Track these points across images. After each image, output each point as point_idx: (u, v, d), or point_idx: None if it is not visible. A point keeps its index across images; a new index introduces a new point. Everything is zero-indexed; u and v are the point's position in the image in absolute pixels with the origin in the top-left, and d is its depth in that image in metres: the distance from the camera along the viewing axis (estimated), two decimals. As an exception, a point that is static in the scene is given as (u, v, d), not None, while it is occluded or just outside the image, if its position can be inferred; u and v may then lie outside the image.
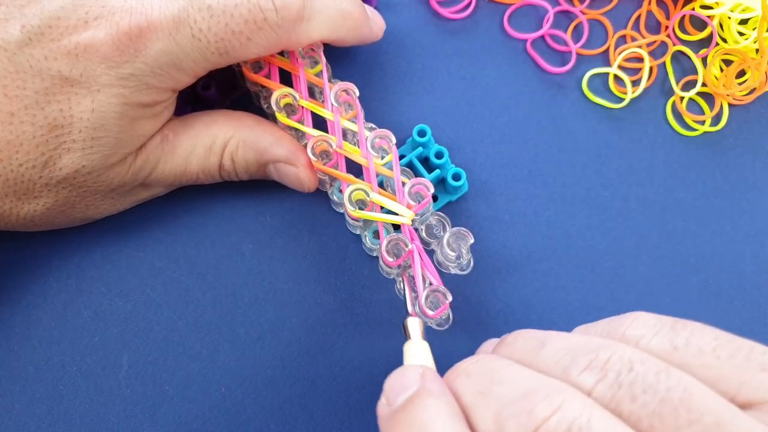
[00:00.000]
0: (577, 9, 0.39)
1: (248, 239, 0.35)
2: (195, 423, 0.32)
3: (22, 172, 0.28)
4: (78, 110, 0.28)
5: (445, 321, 0.32)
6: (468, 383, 0.21)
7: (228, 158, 0.33)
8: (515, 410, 0.19)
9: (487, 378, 0.20)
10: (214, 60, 0.30)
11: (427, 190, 0.31)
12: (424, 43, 0.38)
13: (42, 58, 0.27)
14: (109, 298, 0.34)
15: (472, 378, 0.21)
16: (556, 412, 0.18)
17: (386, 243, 0.31)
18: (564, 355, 0.20)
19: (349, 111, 0.33)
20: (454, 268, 0.32)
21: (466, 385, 0.21)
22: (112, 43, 0.27)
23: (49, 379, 0.33)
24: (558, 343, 0.21)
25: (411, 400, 0.21)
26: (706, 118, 0.37)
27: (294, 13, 0.30)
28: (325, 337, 0.33)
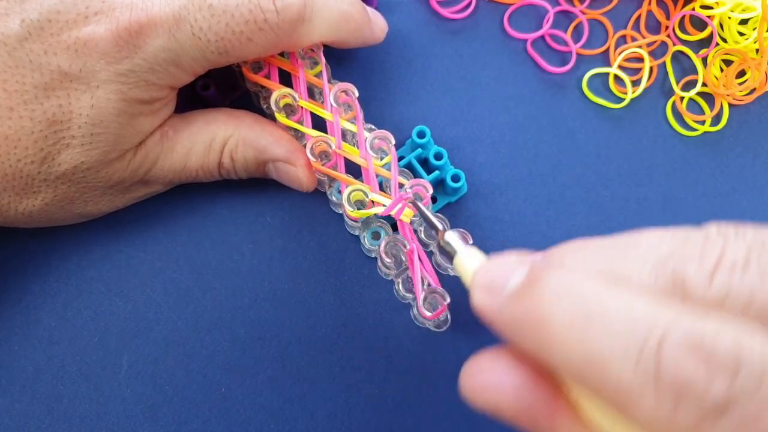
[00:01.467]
0: (577, 9, 0.39)
1: (248, 239, 0.35)
2: (195, 423, 0.32)
3: (21, 167, 0.28)
4: (77, 106, 0.28)
5: (444, 322, 0.32)
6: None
7: (227, 156, 0.33)
8: (682, 255, 0.17)
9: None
10: (214, 59, 0.30)
11: (426, 191, 0.31)
12: (424, 43, 0.38)
13: (41, 52, 0.27)
14: (109, 298, 0.34)
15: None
16: (726, 246, 0.16)
17: (385, 244, 0.31)
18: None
19: (349, 112, 0.33)
20: (453, 269, 0.32)
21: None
22: (112, 39, 0.27)
23: (49, 379, 0.33)
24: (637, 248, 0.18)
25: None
26: (706, 118, 0.37)
27: (295, 14, 0.30)
28: (325, 337, 0.33)
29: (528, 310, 0.18)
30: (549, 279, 0.18)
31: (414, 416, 0.32)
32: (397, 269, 0.32)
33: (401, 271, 0.32)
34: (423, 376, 0.33)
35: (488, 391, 0.19)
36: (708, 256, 0.17)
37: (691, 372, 0.15)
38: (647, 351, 0.15)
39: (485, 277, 0.20)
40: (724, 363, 0.14)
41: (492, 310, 0.19)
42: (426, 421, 0.32)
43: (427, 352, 0.33)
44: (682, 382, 0.15)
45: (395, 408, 0.32)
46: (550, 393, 0.19)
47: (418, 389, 0.32)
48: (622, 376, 0.16)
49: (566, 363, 0.17)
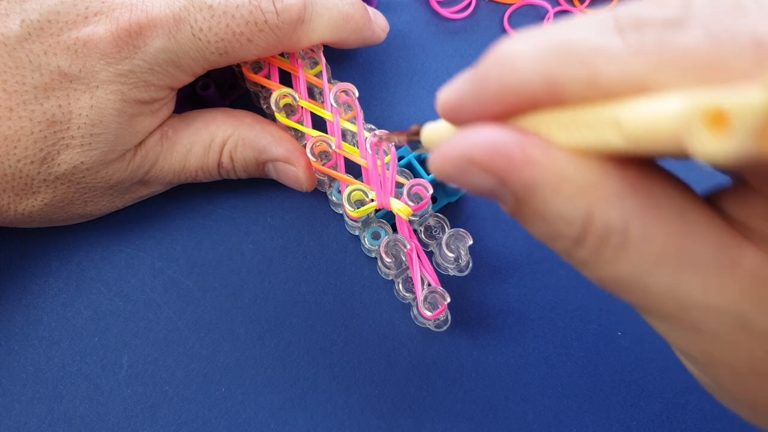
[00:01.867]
0: (577, 9, 0.39)
1: (248, 239, 0.35)
2: (195, 423, 0.32)
3: (21, 167, 0.28)
4: (77, 106, 0.28)
5: (444, 322, 0.32)
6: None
7: (227, 156, 0.33)
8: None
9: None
10: (214, 60, 0.30)
11: (426, 191, 0.31)
12: (424, 43, 0.38)
13: (41, 53, 0.27)
14: (109, 298, 0.34)
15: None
16: None
17: (385, 244, 0.31)
18: None
19: (349, 112, 0.33)
20: (453, 269, 0.32)
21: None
22: (112, 40, 0.28)
23: (49, 379, 0.33)
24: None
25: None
26: (706, 117, 0.37)
27: (294, 15, 0.30)
28: (325, 337, 0.33)
29: (488, 62, 0.16)
30: (502, 41, 0.17)
31: (414, 416, 0.32)
32: (397, 269, 0.32)
33: (401, 271, 0.32)
34: (423, 376, 0.33)
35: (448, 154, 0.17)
36: None
37: (647, 9, 0.14)
38: (605, 19, 0.15)
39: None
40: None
41: (456, 92, 0.18)
42: (426, 422, 0.32)
43: (427, 352, 0.33)
44: (641, 16, 0.14)
45: (395, 408, 0.32)
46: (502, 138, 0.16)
47: (418, 389, 0.32)
48: (587, 42, 0.15)
49: (535, 73, 0.15)
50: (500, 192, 0.17)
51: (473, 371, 0.33)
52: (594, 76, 0.15)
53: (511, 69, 0.16)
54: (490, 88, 0.16)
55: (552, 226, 0.17)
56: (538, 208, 0.16)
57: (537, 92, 0.16)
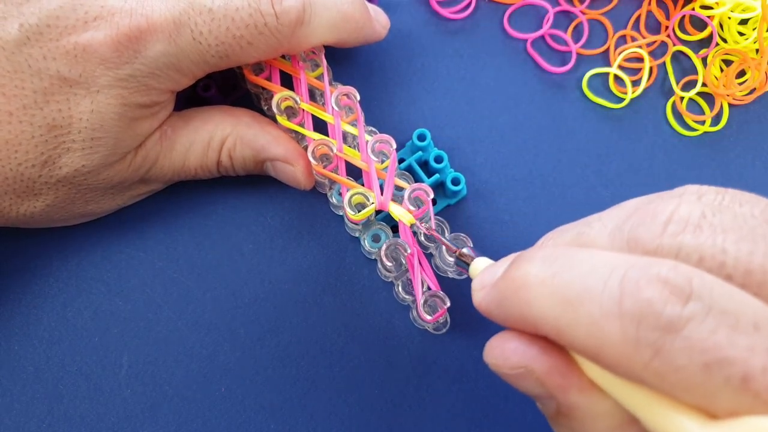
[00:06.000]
0: (577, 9, 0.39)
1: (248, 240, 0.35)
2: (195, 423, 0.32)
3: (22, 171, 0.28)
4: (77, 111, 0.28)
5: (443, 325, 0.32)
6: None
7: (225, 155, 0.33)
8: (637, 219, 0.19)
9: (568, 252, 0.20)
10: (214, 63, 0.30)
11: (427, 195, 0.31)
12: (424, 43, 0.38)
13: (41, 57, 0.27)
14: (109, 298, 0.34)
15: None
16: (678, 207, 0.18)
17: (385, 247, 0.31)
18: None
19: (350, 115, 0.33)
20: (453, 272, 0.32)
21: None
22: (112, 44, 0.27)
23: (49, 379, 0.33)
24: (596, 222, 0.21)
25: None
26: (706, 118, 0.37)
27: (294, 17, 0.30)
28: (325, 337, 0.33)
29: (509, 281, 0.20)
30: (524, 255, 0.20)
31: (413, 417, 0.32)
32: (397, 272, 0.32)
33: (401, 273, 0.32)
34: (422, 376, 0.33)
35: (509, 356, 0.21)
36: (658, 216, 0.19)
37: (649, 297, 0.16)
38: (610, 285, 0.17)
39: (480, 278, 0.22)
40: (678, 289, 0.16)
41: (485, 299, 0.21)
42: (425, 422, 0.32)
43: (426, 353, 0.33)
44: (641, 305, 0.16)
45: (395, 408, 0.32)
46: (562, 359, 0.20)
47: (417, 390, 0.32)
48: (591, 314, 0.17)
49: (545, 317, 0.19)
50: (545, 400, 0.20)
51: (473, 371, 0.33)
52: (596, 356, 0.18)
53: (526, 303, 0.19)
54: (510, 313, 0.20)
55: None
56: (575, 425, 0.20)
57: (551, 337, 0.19)
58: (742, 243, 0.17)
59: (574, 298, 0.18)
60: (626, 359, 0.17)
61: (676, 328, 0.16)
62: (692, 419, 0.16)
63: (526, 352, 0.20)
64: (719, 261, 0.17)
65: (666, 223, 0.18)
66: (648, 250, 0.18)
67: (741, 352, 0.16)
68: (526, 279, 0.19)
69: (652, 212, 0.19)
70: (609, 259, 0.18)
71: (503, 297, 0.20)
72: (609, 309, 0.17)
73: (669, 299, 0.16)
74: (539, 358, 0.20)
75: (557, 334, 0.19)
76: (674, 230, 0.18)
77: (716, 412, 0.16)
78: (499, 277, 0.21)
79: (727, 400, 0.16)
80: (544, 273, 0.19)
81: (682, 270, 0.17)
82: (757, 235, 0.18)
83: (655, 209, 0.19)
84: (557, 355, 0.20)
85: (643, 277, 0.17)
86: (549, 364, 0.20)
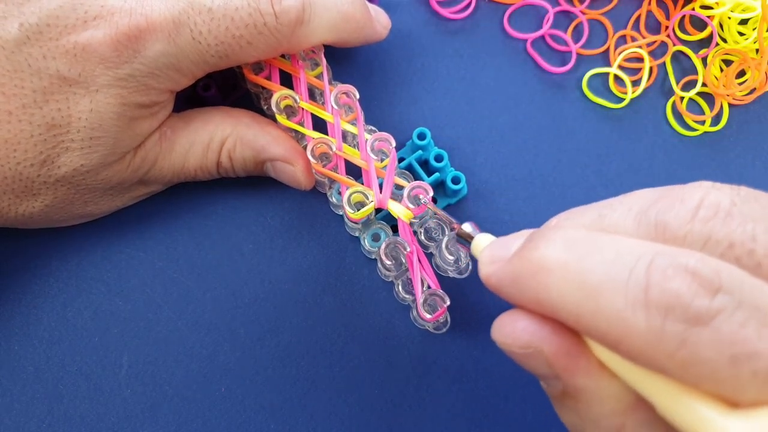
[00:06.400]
0: (577, 9, 0.39)
1: (248, 240, 0.35)
2: (195, 423, 0.32)
3: (20, 170, 0.28)
4: (76, 110, 0.28)
5: (443, 324, 0.32)
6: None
7: (225, 156, 0.33)
8: (666, 204, 0.19)
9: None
10: (214, 63, 0.30)
11: (426, 193, 0.31)
12: (424, 43, 0.38)
13: (40, 57, 0.27)
14: (109, 298, 0.34)
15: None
16: (708, 194, 0.18)
17: (385, 246, 0.31)
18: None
19: (350, 113, 0.33)
20: (453, 271, 0.32)
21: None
22: (111, 44, 0.27)
23: (49, 379, 0.33)
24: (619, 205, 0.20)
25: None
26: (706, 118, 0.37)
27: (294, 17, 0.30)
28: (325, 337, 0.33)
29: (525, 262, 0.19)
30: (543, 234, 0.20)
31: (413, 417, 0.32)
32: (396, 271, 0.32)
33: (401, 272, 0.32)
34: (422, 376, 0.33)
35: (519, 335, 0.20)
36: (688, 202, 0.18)
37: (677, 288, 0.16)
38: (636, 274, 0.17)
39: (489, 251, 0.22)
40: (707, 281, 0.16)
41: (496, 275, 0.21)
42: (425, 422, 0.32)
43: (426, 352, 0.33)
44: (669, 297, 0.16)
45: (395, 408, 0.32)
46: (572, 341, 0.20)
47: (417, 390, 0.32)
48: (614, 303, 0.17)
49: (564, 304, 0.18)
50: (552, 381, 0.20)
51: (473, 371, 0.33)
52: (617, 345, 0.17)
53: (545, 287, 0.19)
54: (525, 295, 0.20)
55: (584, 423, 0.20)
56: (580, 407, 0.20)
57: (568, 324, 0.19)
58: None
59: (597, 286, 0.17)
60: (650, 349, 0.17)
61: (704, 320, 0.16)
62: (714, 408, 0.16)
63: (536, 332, 0.20)
64: (749, 248, 0.17)
65: (696, 208, 0.18)
66: (677, 236, 0.18)
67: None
68: (545, 262, 0.19)
69: (680, 197, 0.19)
70: (634, 245, 0.18)
71: (518, 276, 0.20)
72: (635, 298, 0.17)
73: (698, 291, 0.16)
74: (549, 338, 0.19)
75: (576, 321, 0.18)
76: (705, 215, 0.18)
77: (739, 402, 0.16)
78: (514, 255, 0.20)
79: (754, 392, 0.16)
80: (565, 257, 0.18)
81: (711, 262, 0.17)
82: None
83: (684, 195, 0.19)
84: (568, 337, 0.19)
85: (671, 267, 0.17)
86: (559, 346, 0.19)
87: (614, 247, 0.18)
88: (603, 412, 0.20)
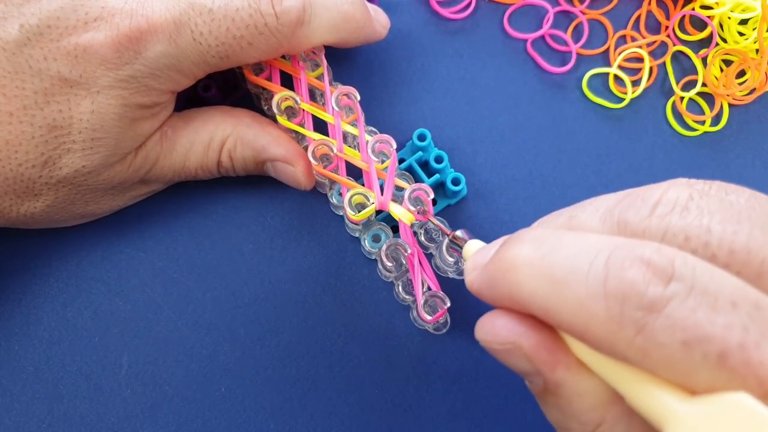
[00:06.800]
0: (577, 9, 0.39)
1: (248, 240, 0.35)
2: (195, 423, 0.32)
3: (22, 171, 0.28)
4: (77, 111, 0.28)
5: (443, 325, 0.32)
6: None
7: (226, 156, 0.33)
8: (627, 202, 0.20)
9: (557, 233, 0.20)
10: (215, 63, 0.30)
11: (427, 195, 0.31)
12: (424, 43, 0.38)
13: (41, 58, 0.27)
14: (109, 298, 0.34)
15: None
16: (667, 191, 0.19)
17: (385, 248, 0.31)
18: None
19: (350, 115, 0.33)
20: (453, 272, 0.32)
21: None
22: (112, 45, 0.27)
23: (49, 379, 0.33)
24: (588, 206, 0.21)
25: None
26: (706, 118, 0.37)
27: (294, 17, 0.30)
28: (325, 337, 0.33)
29: (498, 262, 0.21)
30: (513, 237, 0.21)
31: (413, 417, 0.32)
32: (397, 272, 0.32)
33: (401, 273, 0.32)
34: (422, 376, 0.33)
35: (498, 332, 0.21)
36: (648, 200, 0.19)
37: (632, 277, 0.17)
38: (596, 266, 0.18)
39: (472, 260, 0.23)
40: (660, 270, 0.17)
41: (477, 280, 0.22)
42: (425, 422, 0.32)
43: (426, 353, 0.33)
44: (625, 285, 0.17)
45: (395, 408, 0.32)
46: (549, 336, 0.21)
47: (417, 390, 0.32)
48: (577, 294, 0.18)
49: (534, 298, 0.19)
50: (533, 378, 0.21)
51: (473, 371, 0.33)
52: (582, 335, 0.18)
53: (515, 284, 0.20)
54: (500, 293, 0.21)
55: (566, 419, 0.21)
56: (561, 402, 0.20)
57: (540, 317, 0.20)
58: (726, 224, 0.18)
59: (561, 279, 0.18)
60: (611, 337, 0.17)
61: (657, 307, 0.17)
62: (673, 395, 0.17)
63: (514, 328, 0.21)
64: (704, 241, 0.18)
65: (654, 205, 0.19)
66: (636, 232, 0.19)
67: (718, 330, 0.16)
68: (515, 260, 0.20)
69: (641, 196, 0.20)
70: (595, 241, 0.19)
71: (493, 278, 0.21)
72: (594, 289, 0.18)
73: (651, 280, 0.17)
74: (527, 334, 0.20)
75: (545, 314, 0.19)
76: (662, 212, 0.19)
77: (696, 388, 0.17)
78: (489, 259, 0.21)
79: (706, 377, 0.16)
80: (532, 254, 0.20)
81: (666, 252, 0.17)
82: (742, 217, 0.18)
83: (645, 194, 0.20)
84: (545, 333, 0.20)
85: (627, 258, 0.18)
86: (536, 341, 0.20)
87: (577, 242, 0.19)
88: (583, 407, 0.20)
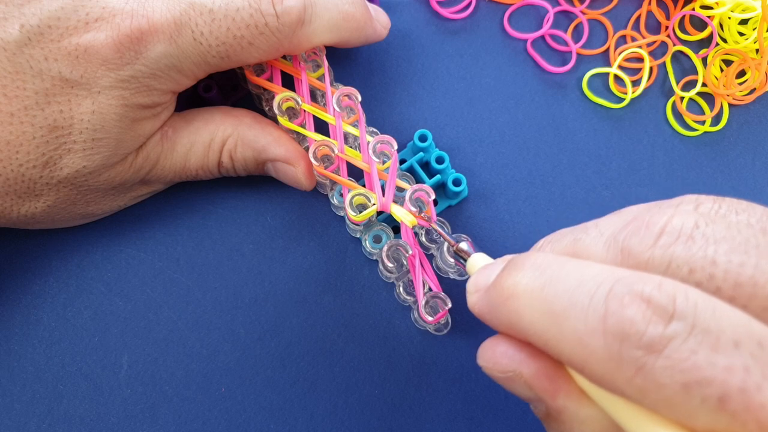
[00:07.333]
0: (577, 9, 0.39)
1: (249, 240, 0.35)
2: (195, 423, 0.32)
3: (23, 171, 0.28)
4: (78, 112, 0.28)
5: (444, 326, 0.32)
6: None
7: (226, 156, 0.33)
8: (632, 229, 0.19)
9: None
10: (215, 63, 0.30)
11: (428, 196, 0.31)
12: (424, 43, 0.38)
13: (42, 58, 0.27)
14: (109, 298, 0.34)
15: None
16: (672, 218, 0.19)
17: (387, 248, 0.31)
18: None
19: (351, 115, 0.33)
20: (453, 273, 0.32)
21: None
22: (113, 46, 0.27)
23: (49, 379, 0.33)
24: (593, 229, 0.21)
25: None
26: (706, 118, 0.37)
27: (295, 17, 0.29)
28: (325, 337, 0.33)
29: (498, 289, 0.20)
30: (515, 262, 0.20)
31: (413, 417, 0.32)
32: (398, 273, 0.32)
33: (402, 274, 0.32)
34: (423, 377, 0.33)
35: (499, 359, 0.21)
36: (652, 227, 0.19)
37: (632, 316, 0.17)
38: (596, 301, 0.17)
39: (474, 279, 0.23)
40: (661, 308, 0.17)
41: (478, 304, 0.22)
42: (425, 423, 0.32)
43: (427, 354, 0.33)
44: (625, 324, 0.17)
45: (395, 408, 0.32)
46: (550, 364, 0.20)
47: (417, 390, 0.32)
48: (576, 329, 0.18)
49: (533, 329, 0.19)
50: (536, 403, 0.21)
51: (473, 372, 0.33)
52: (581, 369, 0.18)
53: (515, 313, 0.19)
54: (499, 320, 0.20)
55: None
56: (564, 428, 0.20)
57: (539, 347, 0.19)
58: (733, 254, 0.18)
59: (560, 312, 0.18)
60: (610, 374, 0.17)
61: (657, 347, 0.16)
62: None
63: (515, 356, 0.20)
64: (708, 273, 0.18)
65: (659, 234, 0.19)
66: (640, 262, 0.19)
67: (719, 372, 0.16)
68: (515, 288, 0.20)
69: (646, 223, 0.19)
70: (597, 273, 0.18)
71: (494, 304, 0.21)
72: (594, 326, 0.17)
73: (651, 319, 0.17)
74: (527, 362, 0.20)
75: (545, 345, 0.19)
76: (666, 242, 0.18)
77: (696, 429, 0.16)
78: (491, 283, 0.21)
79: (706, 419, 0.16)
80: (533, 284, 0.19)
81: (667, 287, 0.17)
82: (750, 245, 0.18)
83: (650, 220, 0.19)
84: (545, 361, 0.20)
85: (628, 294, 0.17)
86: (537, 369, 0.20)
87: (578, 273, 0.19)
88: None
